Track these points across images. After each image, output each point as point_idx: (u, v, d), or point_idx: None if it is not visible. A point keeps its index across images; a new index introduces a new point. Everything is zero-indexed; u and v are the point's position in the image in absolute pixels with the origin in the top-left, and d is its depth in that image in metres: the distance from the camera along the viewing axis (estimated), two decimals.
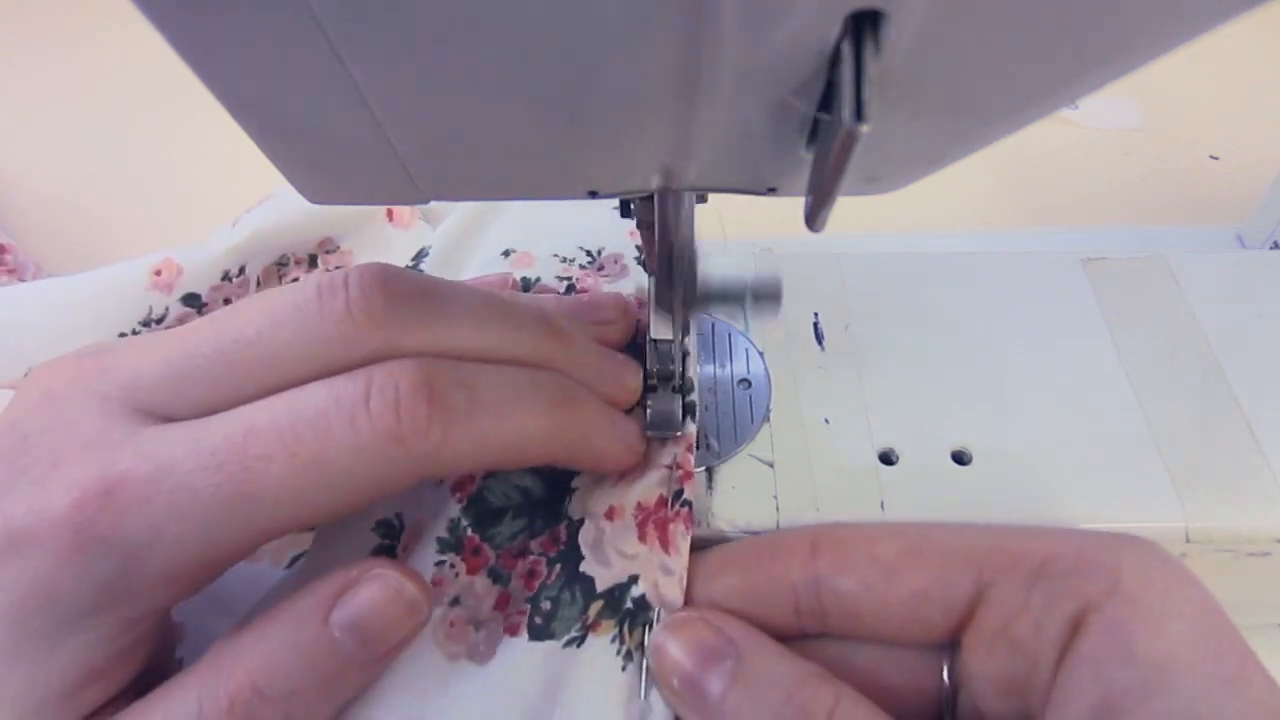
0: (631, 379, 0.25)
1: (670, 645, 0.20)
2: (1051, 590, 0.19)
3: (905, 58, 0.12)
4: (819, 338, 0.30)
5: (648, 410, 0.25)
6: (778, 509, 0.26)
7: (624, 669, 0.21)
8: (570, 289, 0.30)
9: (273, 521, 0.18)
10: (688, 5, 0.11)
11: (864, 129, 0.12)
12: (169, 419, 0.19)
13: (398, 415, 0.18)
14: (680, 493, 0.24)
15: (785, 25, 0.12)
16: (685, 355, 0.26)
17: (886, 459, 0.27)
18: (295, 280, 0.36)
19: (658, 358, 0.25)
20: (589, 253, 0.32)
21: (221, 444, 0.18)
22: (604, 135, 0.15)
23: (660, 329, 0.24)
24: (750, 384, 0.29)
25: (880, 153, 0.16)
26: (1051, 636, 0.19)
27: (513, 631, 0.22)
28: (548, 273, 0.31)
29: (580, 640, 0.22)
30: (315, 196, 0.18)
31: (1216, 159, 0.49)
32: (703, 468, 0.27)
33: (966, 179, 0.48)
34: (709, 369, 0.30)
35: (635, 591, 0.22)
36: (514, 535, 0.24)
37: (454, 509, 0.24)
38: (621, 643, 0.22)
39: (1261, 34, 0.56)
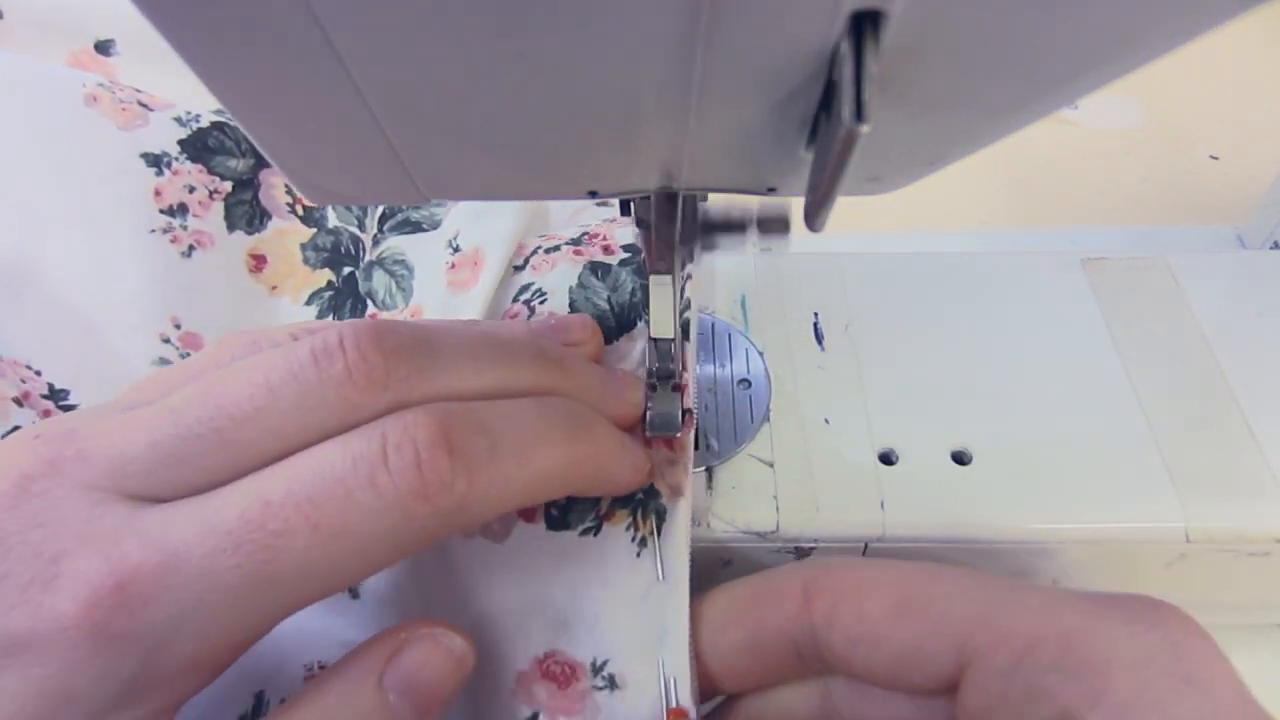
0: (634, 393, 0.25)
1: None
2: (1031, 687, 0.18)
3: (905, 58, 0.12)
4: (819, 338, 0.30)
5: (648, 410, 0.25)
6: (778, 509, 0.26)
7: (639, 555, 0.23)
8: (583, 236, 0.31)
9: (300, 597, 0.18)
10: (687, 5, 0.11)
11: (864, 129, 0.12)
12: (163, 500, 0.18)
13: (420, 471, 0.17)
14: (687, 411, 0.25)
15: (785, 25, 0.12)
16: (686, 281, 0.26)
17: (886, 459, 0.27)
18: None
19: (658, 357, 0.25)
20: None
21: (236, 523, 0.17)
22: (604, 135, 0.15)
23: (660, 328, 0.24)
24: (750, 384, 0.29)
25: (880, 153, 0.16)
26: None
27: (529, 519, 0.23)
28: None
29: (596, 529, 0.23)
30: (315, 197, 0.18)
31: (1216, 159, 0.49)
32: (703, 468, 0.27)
33: (966, 179, 0.48)
34: (709, 369, 0.29)
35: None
36: None
37: None
38: (635, 530, 0.23)
39: (1261, 34, 0.56)
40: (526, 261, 0.31)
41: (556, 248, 0.31)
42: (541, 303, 0.29)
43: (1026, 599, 0.19)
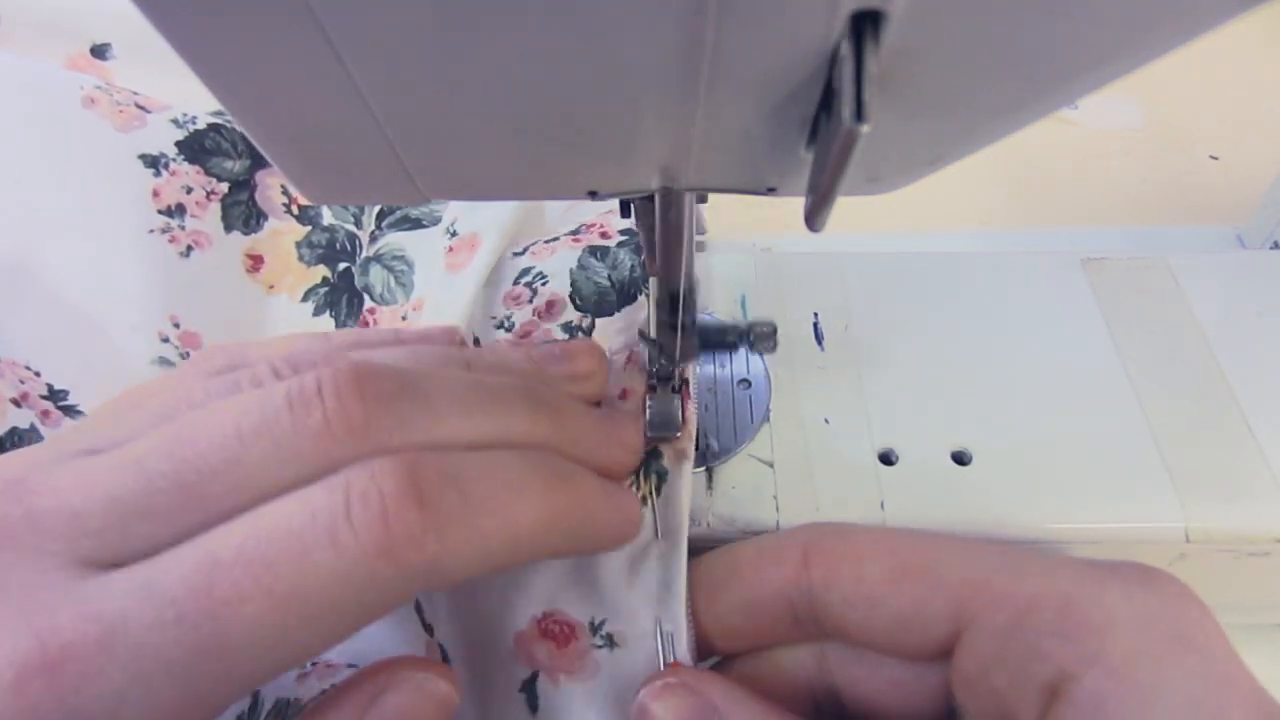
0: (632, 436, 0.23)
1: (654, 707, 0.20)
2: (1029, 648, 0.18)
3: (905, 58, 0.12)
4: (819, 338, 0.30)
5: (648, 411, 0.25)
6: (778, 509, 0.26)
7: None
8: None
9: (253, 671, 0.16)
10: (688, 6, 0.11)
11: (864, 129, 0.12)
12: (121, 562, 0.16)
13: (386, 524, 0.16)
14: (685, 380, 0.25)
15: (785, 25, 0.12)
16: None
17: (886, 459, 0.27)
18: None
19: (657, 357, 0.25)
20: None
21: (181, 591, 0.15)
22: (604, 135, 0.15)
23: (661, 329, 0.24)
24: (750, 384, 0.29)
25: (880, 153, 0.16)
26: (1029, 698, 0.18)
27: None
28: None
29: None
30: (315, 196, 0.18)
31: (1216, 159, 0.49)
32: (703, 468, 0.27)
33: (966, 179, 0.48)
34: (709, 369, 0.29)
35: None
36: None
37: None
38: (636, 489, 0.24)
39: (1261, 34, 0.56)
40: (525, 250, 0.32)
41: (555, 238, 0.31)
42: (543, 284, 0.30)
43: (1025, 565, 0.19)
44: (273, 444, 0.17)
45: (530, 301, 0.30)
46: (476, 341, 0.29)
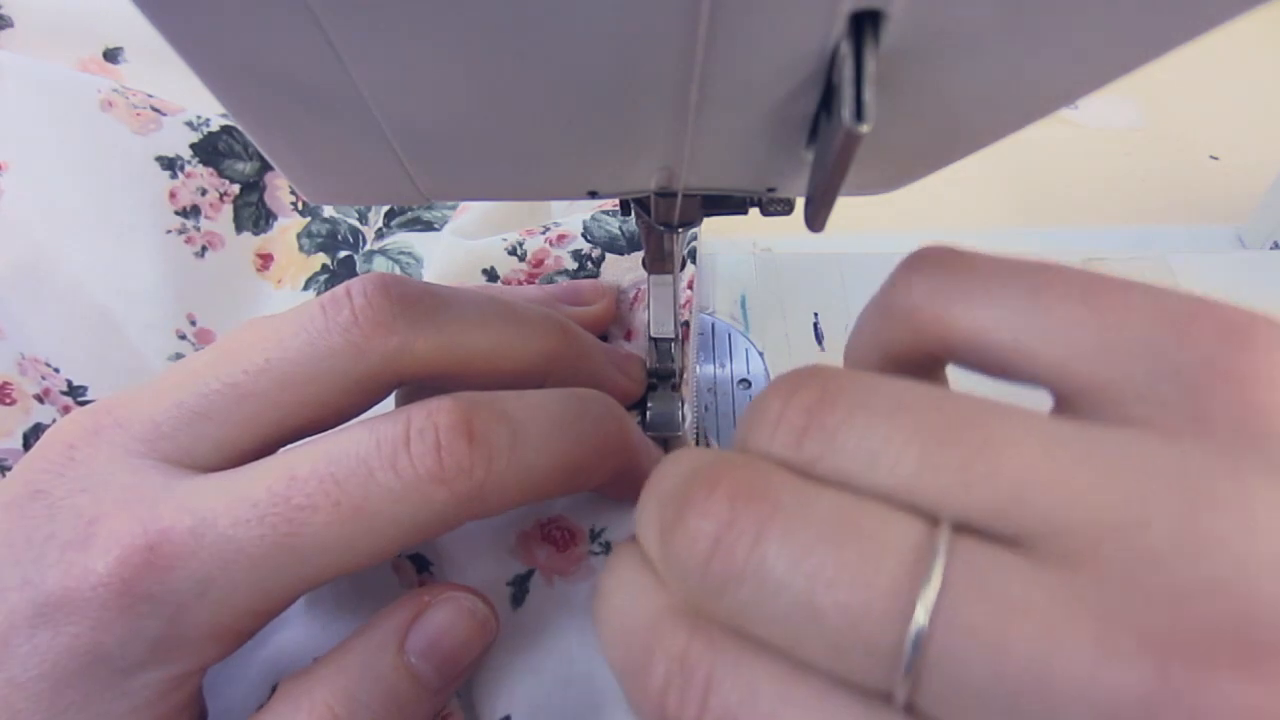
0: (636, 370, 0.25)
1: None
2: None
3: (905, 58, 0.12)
4: (819, 338, 0.30)
5: (648, 411, 0.25)
6: None
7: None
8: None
9: (319, 570, 0.18)
10: (687, 6, 0.11)
11: (864, 129, 0.12)
12: (199, 464, 0.19)
13: (439, 456, 0.18)
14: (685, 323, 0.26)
15: (785, 25, 0.12)
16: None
17: None
18: None
19: (658, 356, 0.25)
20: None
21: (263, 495, 0.17)
22: (604, 135, 0.15)
23: (660, 327, 0.24)
24: (750, 384, 0.29)
25: (880, 153, 0.16)
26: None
27: None
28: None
29: None
30: (315, 197, 0.18)
31: (1216, 159, 0.49)
32: None
33: (966, 179, 0.48)
34: (709, 369, 0.29)
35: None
36: None
37: None
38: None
39: (1261, 34, 0.56)
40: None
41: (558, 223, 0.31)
42: (555, 226, 0.31)
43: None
44: (308, 342, 0.19)
45: (543, 234, 0.31)
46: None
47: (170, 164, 0.33)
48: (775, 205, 0.19)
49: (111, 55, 0.37)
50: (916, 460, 0.12)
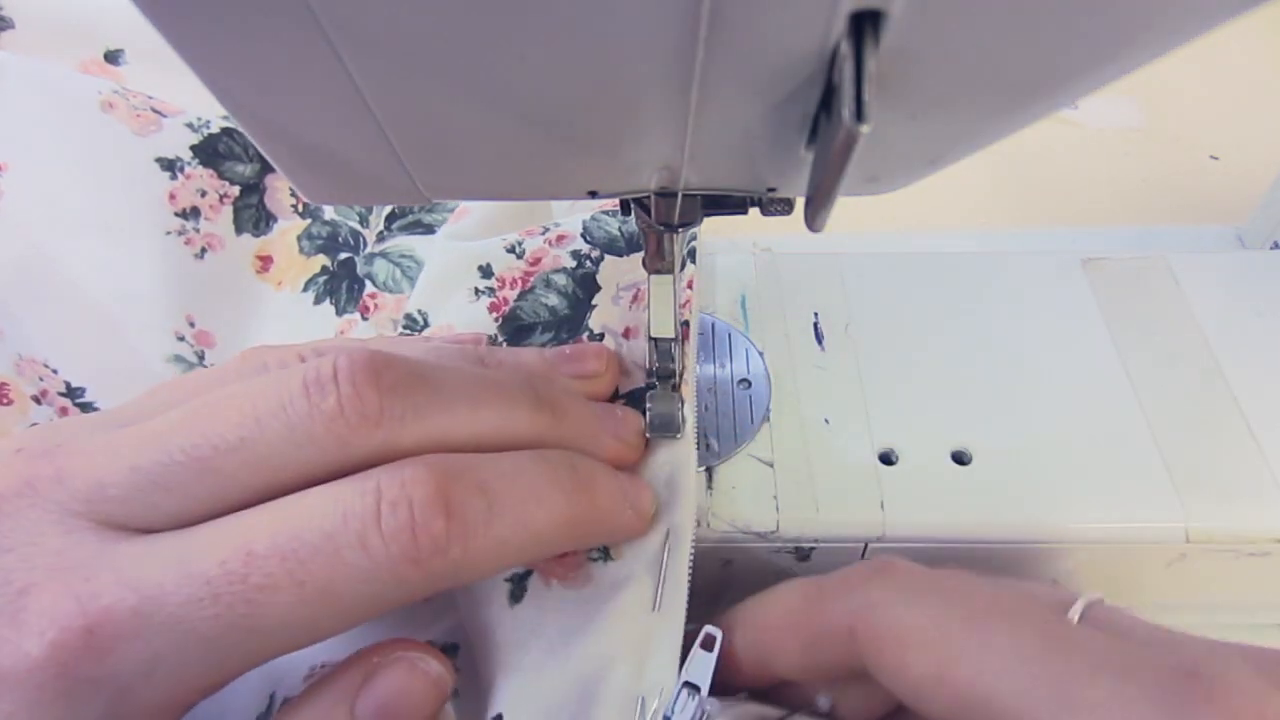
0: (631, 434, 0.24)
1: None
2: None
3: (905, 58, 0.12)
4: (819, 338, 0.30)
5: (648, 411, 0.25)
6: (778, 509, 0.26)
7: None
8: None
9: (278, 648, 0.17)
10: (688, 5, 0.11)
11: (864, 129, 0.12)
12: (141, 529, 0.17)
13: (414, 535, 0.17)
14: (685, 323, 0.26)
15: (785, 25, 0.12)
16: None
17: (886, 459, 0.27)
18: None
19: (658, 356, 0.25)
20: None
21: (217, 572, 0.16)
22: (604, 135, 0.15)
23: (661, 328, 0.24)
24: (750, 384, 0.29)
25: (880, 153, 0.16)
26: None
27: None
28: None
29: None
30: (315, 196, 0.18)
31: (1216, 159, 0.49)
32: (703, 468, 0.27)
33: (966, 179, 0.48)
34: (709, 369, 0.29)
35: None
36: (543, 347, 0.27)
37: (490, 326, 0.28)
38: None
39: (1261, 34, 0.56)
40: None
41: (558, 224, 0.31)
42: (555, 227, 0.31)
43: (1088, 689, 0.16)
44: (287, 426, 0.17)
45: (543, 234, 0.30)
46: (495, 341, 0.29)
47: (170, 165, 0.33)
48: (775, 205, 0.19)
49: (112, 57, 0.37)
50: None
